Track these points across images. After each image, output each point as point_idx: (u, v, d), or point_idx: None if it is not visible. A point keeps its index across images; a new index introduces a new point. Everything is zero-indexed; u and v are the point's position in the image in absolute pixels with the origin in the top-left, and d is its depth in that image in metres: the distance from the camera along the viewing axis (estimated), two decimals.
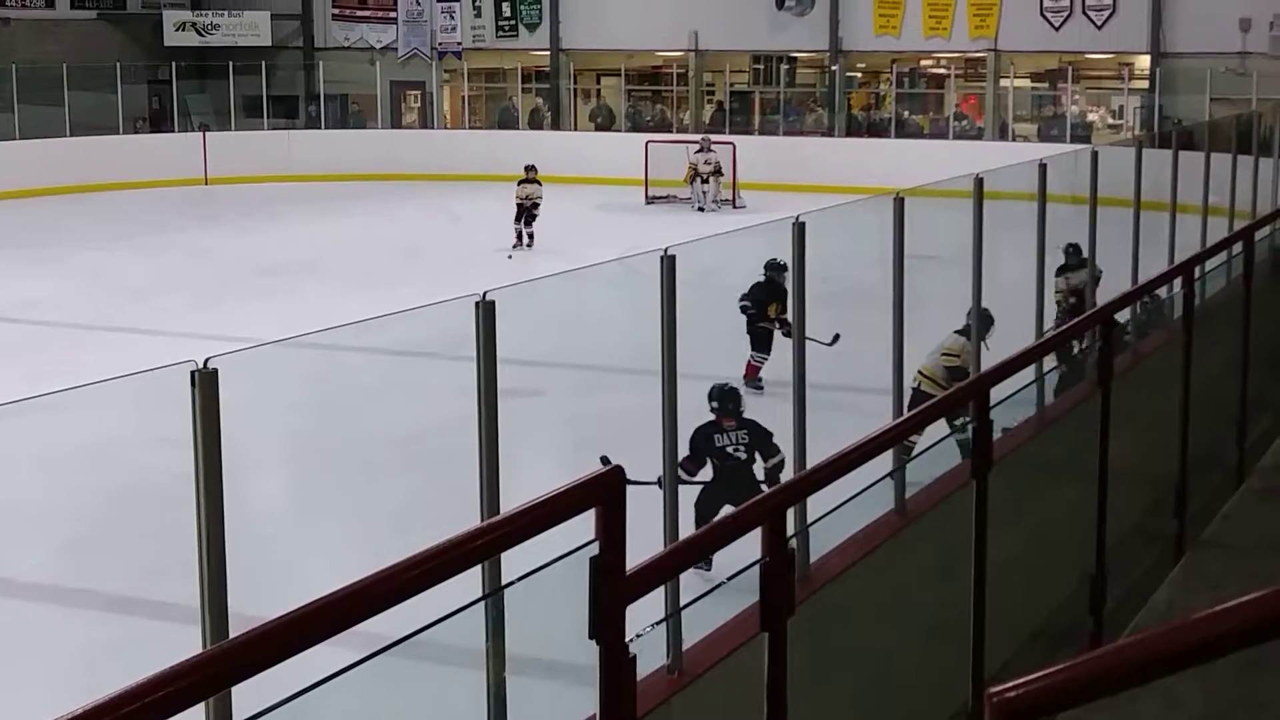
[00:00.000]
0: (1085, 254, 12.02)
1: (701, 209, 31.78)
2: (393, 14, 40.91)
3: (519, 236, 26.85)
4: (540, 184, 27.60)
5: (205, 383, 3.98)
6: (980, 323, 9.27)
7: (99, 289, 22.49)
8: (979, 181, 8.55)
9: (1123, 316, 9.21)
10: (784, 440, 6.85)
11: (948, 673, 6.49)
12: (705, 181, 32.23)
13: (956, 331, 11.98)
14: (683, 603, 5.53)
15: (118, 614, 10.12)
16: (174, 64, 38.26)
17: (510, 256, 25.54)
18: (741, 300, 15.50)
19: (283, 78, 40.37)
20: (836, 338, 13.21)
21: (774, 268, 14.99)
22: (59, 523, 11.24)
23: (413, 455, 12.89)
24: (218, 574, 4.10)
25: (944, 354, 12.33)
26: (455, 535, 3.27)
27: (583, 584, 3.66)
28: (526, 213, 27.14)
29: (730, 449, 10.08)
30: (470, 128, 39.91)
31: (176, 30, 40.01)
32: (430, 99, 40.92)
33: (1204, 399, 8.97)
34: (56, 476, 12.07)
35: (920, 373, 12.39)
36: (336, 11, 41.47)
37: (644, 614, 4.27)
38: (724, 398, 10.32)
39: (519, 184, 27.63)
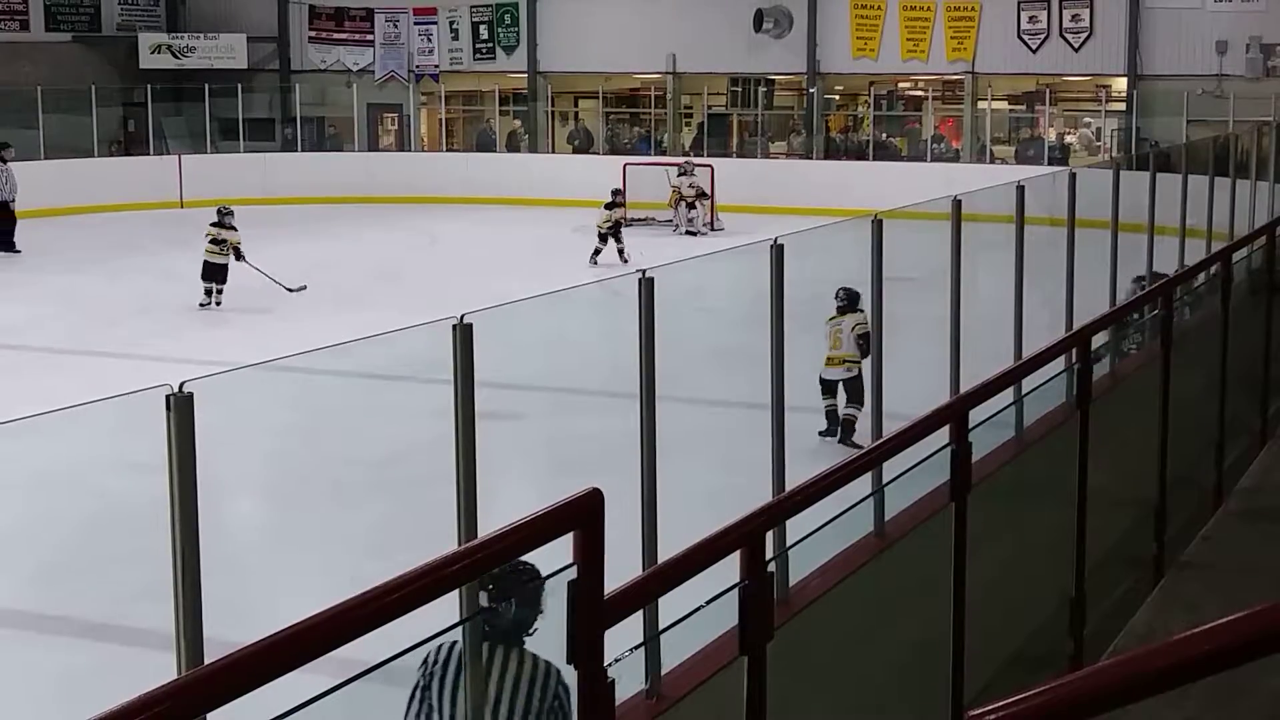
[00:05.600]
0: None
1: (692, 233, 31.63)
2: (370, 36, 40.92)
3: (621, 254, 27.31)
4: (624, 206, 29.11)
5: (180, 406, 3.95)
6: (956, 349, 9.25)
7: (73, 313, 22.40)
8: (957, 203, 8.55)
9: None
10: (764, 463, 6.82)
11: (927, 696, 6.48)
12: (691, 206, 32.14)
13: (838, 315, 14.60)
14: (661, 627, 5.51)
15: (92, 641, 10.06)
16: (149, 87, 38.19)
17: (634, 259, 25.97)
18: None
19: (259, 100, 40.34)
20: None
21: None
22: (32, 549, 11.17)
23: (390, 479, 12.84)
24: (193, 600, 4.07)
25: (855, 327, 14.28)
26: (433, 559, 3.25)
27: (561, 608, 3.64)
28: (613, 233, 27.88)
29: None
30: (447, 150, 39.94)
31: (152, 53, 39.94)
32: (407, 121, 40.92)
33: (1182, 421, 8.99)
34: (30, 502, 12.00)
35: (845, 360, 14.53)
36: (313, 34, 41.48)
37: (622, 638, 4.25)
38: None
39: (606, 207, 28.33)
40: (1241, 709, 5.00)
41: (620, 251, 27.32)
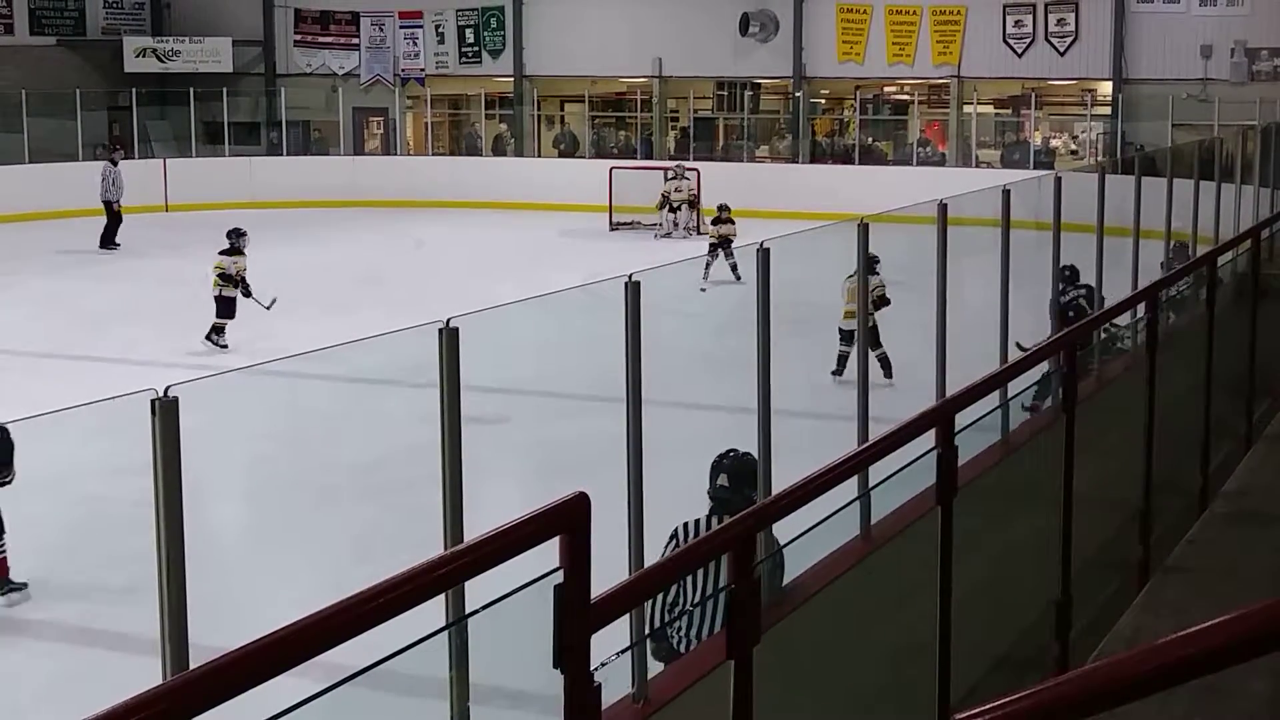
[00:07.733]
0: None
1: (666, 235, 31.54)
2: (355, 40, 40.88)
3: (734, 269, 25.85)
4: (734, 222, 26.93)
5: (166, 411, 3.94)
6: (942, 352, 9.26)
7: (58, 317, 22.34)
8: (943, 207, 8.56)
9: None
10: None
11: (913, 699, 6.48)
12: (674, 210, 32.05)
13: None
14: (648, 630, 5.50)
15: (77, 645, 10.03)
16: (134, 90, 38.13)
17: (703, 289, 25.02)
18: None
19: (244, 104, 40.30)
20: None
21: None
22: (17, 553, 11.13)
23: (375, 483, 12.82)
24: (178, 604, 4.06)
25: (874, 289, 14.93)
26: (418, 564, 3.25)
27: (547, 612, 3.64)
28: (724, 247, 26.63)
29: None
30: (433, 154, 39.91)
31: (137, 56, 39.88)
32: (393, 125, 40.91)
33: (1168, 424, 9.00)
34: (14, 506, 11.96)
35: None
36: (299, 38, 41.42)
37: (609, 641, 4.24)
38: None
39: (712, 223, 27.19)
40: (1227, 712, 5.00)
41: (733, 267, 25.79)
